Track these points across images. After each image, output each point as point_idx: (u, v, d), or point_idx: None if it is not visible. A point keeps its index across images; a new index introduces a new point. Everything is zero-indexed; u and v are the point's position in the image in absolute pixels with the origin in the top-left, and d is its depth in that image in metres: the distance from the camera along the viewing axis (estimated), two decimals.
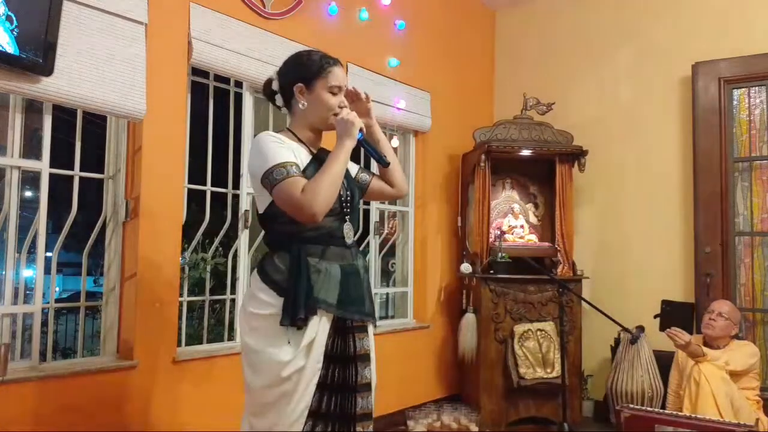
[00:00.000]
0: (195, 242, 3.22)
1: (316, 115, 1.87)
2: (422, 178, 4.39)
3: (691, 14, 4.25)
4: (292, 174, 1.72)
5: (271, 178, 1.72)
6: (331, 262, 1.81)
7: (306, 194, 1.68)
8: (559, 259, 4.18)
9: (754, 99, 4.02)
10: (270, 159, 1.73)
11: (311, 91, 1.85)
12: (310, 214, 1.69)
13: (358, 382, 1.84)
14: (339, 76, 1.87)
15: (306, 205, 1.68)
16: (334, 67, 1.87)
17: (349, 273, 1.85)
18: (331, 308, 1.78)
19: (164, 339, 2.72)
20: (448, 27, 4.61)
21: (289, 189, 1.70)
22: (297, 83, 1.86)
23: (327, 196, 1.70)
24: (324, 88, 1.84)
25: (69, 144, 2.65)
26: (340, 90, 1.87)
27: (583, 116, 4.66)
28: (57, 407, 2.34)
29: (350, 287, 1.83)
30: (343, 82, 1.88)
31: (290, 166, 1.73)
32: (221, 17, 2.98)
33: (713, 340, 3.29)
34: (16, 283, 2.44)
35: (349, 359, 1.83)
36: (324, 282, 1.78)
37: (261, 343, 1.75)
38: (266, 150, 1.76)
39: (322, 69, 1.85)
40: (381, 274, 4.22)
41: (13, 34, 2.11)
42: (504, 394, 4.00)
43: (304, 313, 1.72)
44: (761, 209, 3.96)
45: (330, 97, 1.85)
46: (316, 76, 1.85)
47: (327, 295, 1.78)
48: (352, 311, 1.83)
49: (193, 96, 3.01)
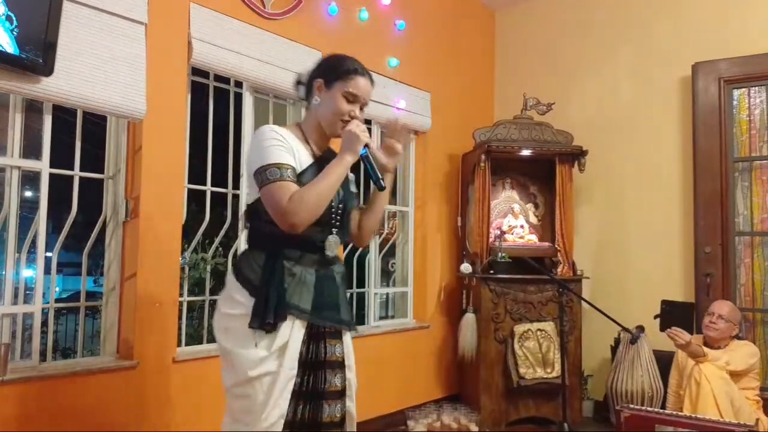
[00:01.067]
0: (195, 242, 3.22)
1: (324, 114, 1.84)
2: (422, 178, 4.40)
3: (691, 14, 4.26)
4: (285, 177, 1.68)
5: (263, 176, 1.69)
6: (306, 267, 1.78)
7: (292, 203, 1.65)
8: (559, 259, 4.18)
9: (754, 99, 4.02)
10: (266, 156, 1.70)
11: (328, 90, 1.83)
12: (290, 224, 1.66)
13: (326, 389, 1.79)
14: (360, 86, 1.83)
15: (289, 214, 1.65)
16: (360, 76, 1.83)
17: (324, 278, 1.82)
18: (303, 314, 1.74)
19: (164, 339, 2.72)
20: (448, 27, 4.61)
21: (277, 193, 1.67)
22: (318, 78, 1.85)
23: (312, 209, 1.67)
24: (340, 90, 1.81)
25: (69, 144, 2.65)
26: (355, 99, 1.82)
27: (583, 116, 4.66)
28: (57, 407, 2.34)
29: (324, 293, 1.80)
30: (362, 93, 1.83)
31: (285, 169, 1.69)
32: (221, 17, 2.98)
33: (714, 341, 3.29)
34: (16, 283, 2.44)
35: (319, 366, 1.79)
36: (297, 286, 1.75)
37: (232, 343, 1.72)
38: (265, 145, 1.72)
39: (346, 73, 1.82)
40: (381, 274, 4.22)
41: (13, 34, 2.11)
42: (504, 394, 4.00)
43: (273, 317, 1.68)
44: (761, 209, 3.96)
45: (342, 102, 1.81)
46: (337, 77, 1.82)
47: (300, 300, 1.74)
48: (325, 317, 1.80)
49: (193, 96, 3.01)
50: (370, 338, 3.85)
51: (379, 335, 3.93)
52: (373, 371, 3.80)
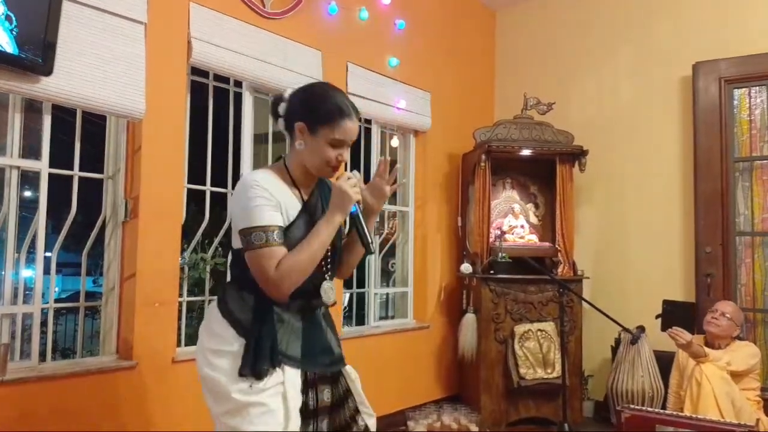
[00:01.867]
0: (195, 242, 3.22)
1: (310, 160, 1.73)
2: (422, 178, 4.39)
3: (691, 14, 4.25)
4: (271, 242, 1.61)
5: (248, 240, 1.62)
6: (293, 313, 1.73)
7: (279, 272, 1.60)
8: (559, 259, 4.18)
9: (754, 99, 4.01)
10: (252, 217, 1.62)
11: (312, 135, 1.71)
12: (276, 294, 1.63)
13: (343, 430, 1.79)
14: (347, 131, 1.70)
15: (275, 285, 1.61)
16: (347, 120, 1.70)
17: (310, 323, 1.78)
18: (293, 362, 1.69)
19: (164, 339, 2.72)
20: (448, 27, 4.61)
21: (263, 261, 1.61)
22: (300, 121, 1.72)
23: (300, 276, 1.63)
24: (326, 137, 1.69)
25: (68, 144, 2.65)
26: (342, 144, 1.71)
27: (584, 116, 4.66)
28: (57, 407, 2.34)
29: (313, 339, 1.76)
30: (349, 138, 1.72)
31: (270, 231, 1.61)
32: (221, 17, 2.98)
33: (715, 339, 3.29)
34: (16, 283, 2.44)
35: (310, 414, 1.74)
36: (286, 333, 1.70)
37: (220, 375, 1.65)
38: (251, 205, 1.63)
39: (330, 117, 1.69)
40: (381, 274, 4.22)
41: (12, 34, 2.11)
42: (504, 394, 4.00)
43: (267, 364, 1.63)
44: (762, 209, 3.96)
45: (328, 150, 1.70)
46: (323, 122, 1.69)
47: (288, 347, 1.69)
48: (317, 364, 1.76)
49: (193, 96, 3.00)
50: (370, 338, 3.85)
51: (379, 335, 3.93)
52: (373, 371, 3.80)
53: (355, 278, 4.04)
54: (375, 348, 3.85)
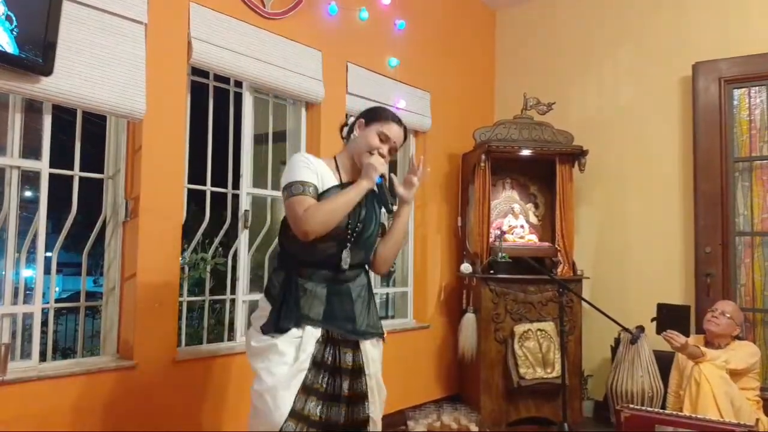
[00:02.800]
0: (195, 242, 3.22)
1: (357, 146, 2.09)
2: (422, 178, 4.38)
3: (691, 14, 4.25)
4: (305, 192, 1.93)
5: (287, 191, 1.95)
6: (318, 283, 2.01)
7: (306, 212, 1.89)
8: (559, 259, 4.18)
9: (754, 99, 4.02)
10: (293, 175, 1.97)
11: (365, 128, 2.10)
12: (302, 231, 1.90)
13: (342, 392, 2.01)
14: (393, 130, 2.09)
15: (302, 222, 1.89)
16: (394, 123, 2.10)
17: (336, 293, 2.04)
18: (315, 322, 1.97)
19: (164, 339, 2.72)
20: (448, 27, 4.61)
21: (296, 203, 1.91)
22: (360, 119, 2.14)
23: (324, 220, 1.90)
24: (376, 129, 2.07)
25: (69, 144, 2.65)
26: (387, 139, 2.07)
27: (583, 116, 4.66)
28: (57, 407, 2.34)
29: (335, 304, 2.02)
30: (394, 136, 2.08)
31: (307, 186, 1.94)
32: (221, 17, 2.98)
33: (715, 339, 3.30)
34: (16, 283, 2.44)
35: (335, 371, 2.01)
36: (309, 299, 1.99)
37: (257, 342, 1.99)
38: (293, 167, 1.99)
39: (383, 118, 2.10)
40: None
41: (12, 34, 2.11)
42: (504, 394, 4.00)
43: (288, 324, 1.93)
44: (761, 209, 3.96)
45: (374, 138, 2.06)
46: (376, 119, 2.10)
47: (311, 310, 1.98)
48: (337, 326, 2.01)
49: (193, 96, 3.00)
50: None
51: None
52: None
53: None
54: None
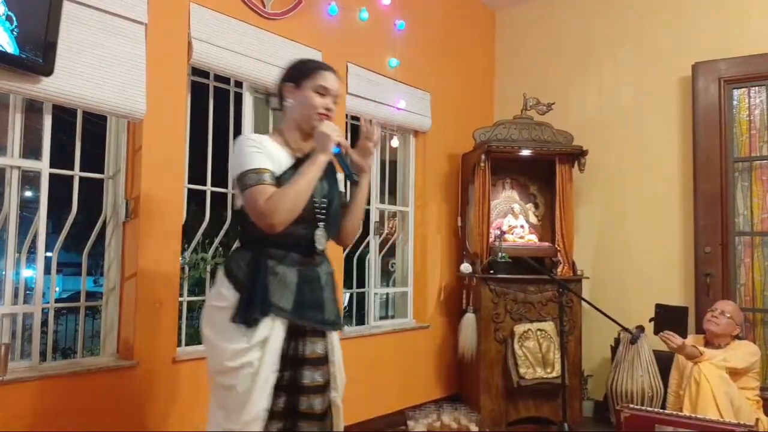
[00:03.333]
0: (195, 242, 3.22)
1: (300, 113, 1.91)
2: (422, 178, 4.39)
3: (691, 14, 4.25)
4: (262, 181, 1.77)
5: (242, 182, 1.78)
6: (289, 266, 1.85)
7: (269, 204, 1.73)
8: (559, 259, 4.18)
9: (754, 99, 4.02)
10: (245, 163, 1.79)
11: (298, 90, 1.91)
12: (270, 224, 1.75)
13: (306, 383, 1.86)
14: (328, 79, 1.91)
15: (266, 215, 1.74)
16: (326, 71, 1.92)
17: (308, 278, 1.88)
18: (284, 313, 1.81)
19: (164, 339, 2.72)
20: (448, 27, 4.61)
21: (255, 196, 1.75)
22: (288, 82, 1.94)
23: (289, 208, 1.75)
24: (310, 87, 1.89)
25: (69, 144, 2.65)
26: (327, 91, 1.90)
27: (583, 116, 4.66)
28: (57, 407, 2.34)
29: (306, 293, 1.86)
30: (332, 86, 1.91)
31: (262, 173, 1.78)
32: (221, 17, 2.98)
33: (714, 338, 3.30)
34: (16, 283, 2.44)
35: (300, 362, 1.86)
36: (279, 285, 1.82)
37: (215, 334, 1.82)
38: (243, 154, 1.81)
39: (312, 70, 1.91)
40: (381, 274, 4.22)
41: (13, 34, 2.11)
42: (504, 394, 4.00)
43: (257, 313, 1.76)
44: (761, 209, 3.96)
45: (314, 96, 1.89)
46: (305, 76, 1.91)
47: (281, 299, 1.81)
48: (306, 317, 1.86)
49: (193, 96, 3.00)
50: (370, 338, 3.85)
51: (379, 335, 3.93)
52: (373, 371, 3.81)
53: (355, 278, 4.05)
54: (375, 348, 3.85)
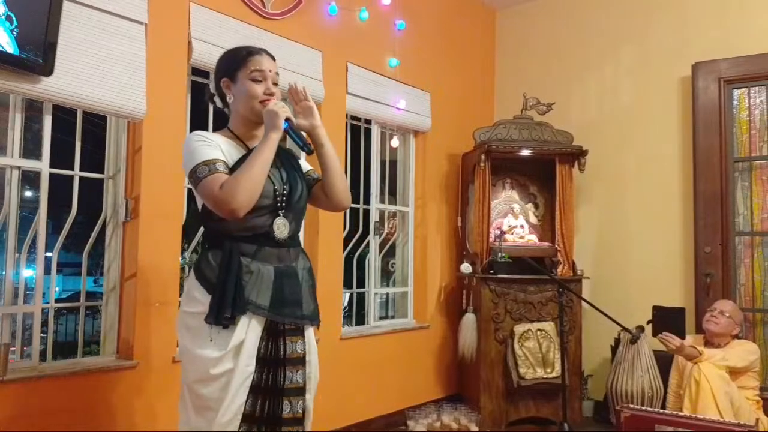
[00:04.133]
0: (195, 242, 3.22)
1: (243, 105, 1.86)
2: (422, 178, 4.39)
3: (691, 14, 4.25)
4: (215, 170, 1.71)
5: (195, 177, 1.73)
6: (264, 262, 1.79)
7: (224, 190, 1.67)
8: (559, 259, 4.18)
9: (754, 99, 4.02)
10: (194, 158, 1.74)
11: (235, 83, 1.86)
12: (229, 210, 1.67)
13: (287, 385, 1.81)
14: (260, 62, 1.85)
15: (224, 201, 1.67)
16: (255, 55, 1.87)
17: (284, 274, 1.82)
18: (261, 310, 1.76)
19: (164, 339, 2.72)
20: (448, 27, 4.61)
21: (209, 185, 1.69)
22: (223, 78, 1.89)
23: (247, 190, 1.68)
24: (246, 76, 1.84)
25: (69, 144, 2.65)
26: (262, 75, 1.85)
27: (583, 116, 4.66)
28: (57, 407, 2.34)
29: (284, 289, 1.80)
30: (266, 68, 1.86)
31: (213, 164, 1.72)
32: (221, 17, 2.98)
33: (714, 338, 3.30)
34: (16, 283, 2.44)
35: (279, 362, 1.81)
36: (255, 283, 1.76)
37: (190, 342, 1.76)
38: (192, 149, 1.76)
39: (242, 59, 1.86)
40: (381, 274, 4.22)
41: (13, 34, 2.11)
42: (504, 394, 4.00)
43: (230, 312, 1.70)
44: (761, 209, 3.96)
45: (252, 84, 1.84)
46: (238, 67, 1.85)
47: (258, 296, 1.76)
48: (284, 314, 1.80)
49: (193, 96, 3.00)
50: (370, 338, 3.85)
51: (379, 335, 3.93)
52: (373, 371, 3.81)
53: (355, 278, 4.05)
54: (375, 348, 3.85)
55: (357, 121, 4.00)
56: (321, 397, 2.02)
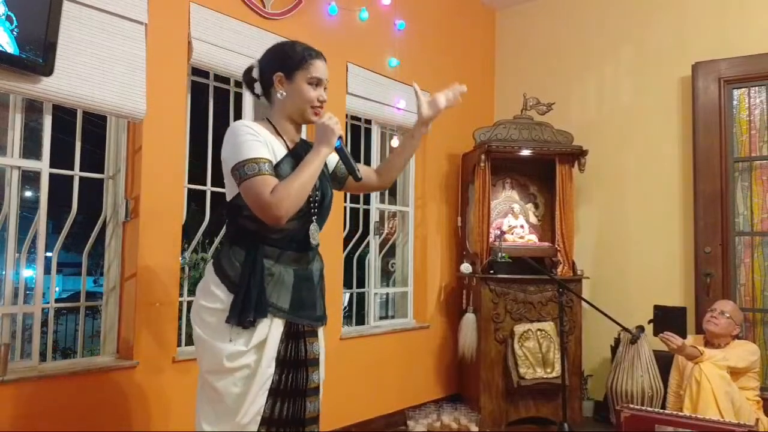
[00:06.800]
0: (195, 242, 3.22)
1: (294, 106, 1.85)
2: (422, 178, 4.39)
3: (691, 14, 4.26)
4: (264, 171, 1.69)
5: (241, 172, 1.69)
6: (285, 266, 1.80)
7: (275, 196, 1.66)
8: (559, 259, 4.18)
9: (754, 99, 4.02)
10: (243, 152, 1.71)
11: (291, 82, 1.84)
12: (276, 217, 1.67)
13: (308, 386, 1.82)
14: (320, 69, 1.85)
15: (273, 207, 1.66)
16: (317, 59, 1.85)
17: (303, 278, 1.83)
18: (281, 313, 1.76)
19: (164, 339, 2.72)
20: (448, 27, 4.61)
21: (259, 187, 1.67)
22: (277, 72, 1.85)
23: (295, 201, 1.69)
24: (304, 79, 1.83)
25: (69, 144, 2.65)
26: (320, 82, 1.85)
27: (583, 116, 4.66)
28: (57, 407, 2.34)
29: (303, 292, 1.82)
30: (323, 75, 1.86)
31: (263, 163, 1.70)
32: (221, 17, 2.98)
33: (714, 338, 3.30)
34: (16, 283, 2.44)
35: (300, 364, 1.81)
36: (276, 286, 1.77)
37: (209, 333, 1.75)
38: (241, 141, 1.73)
39: (303, 60, 1.83)
40: (381, 274, 4.22)
41: (13, 34, 2.11)
42: (504, 394, 4.00)
43: (253, 315, 1.70)
44: (761, 209, 3.96)
45: (309, 89, 1.83)
46: (297, 67, 1.83)
47: (278, 299, 1.76)
48: (303, 316, 1.82)
49: (193, 96, 3.00)
50: (370, 338, 3.85)
51: (379, 335, 3.93)
52: (373, 371, 3.81)
53: (355, 278, 4.05)
54: (375, 348, 3.85)
55: (357, 121, 4.00)
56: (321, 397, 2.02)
